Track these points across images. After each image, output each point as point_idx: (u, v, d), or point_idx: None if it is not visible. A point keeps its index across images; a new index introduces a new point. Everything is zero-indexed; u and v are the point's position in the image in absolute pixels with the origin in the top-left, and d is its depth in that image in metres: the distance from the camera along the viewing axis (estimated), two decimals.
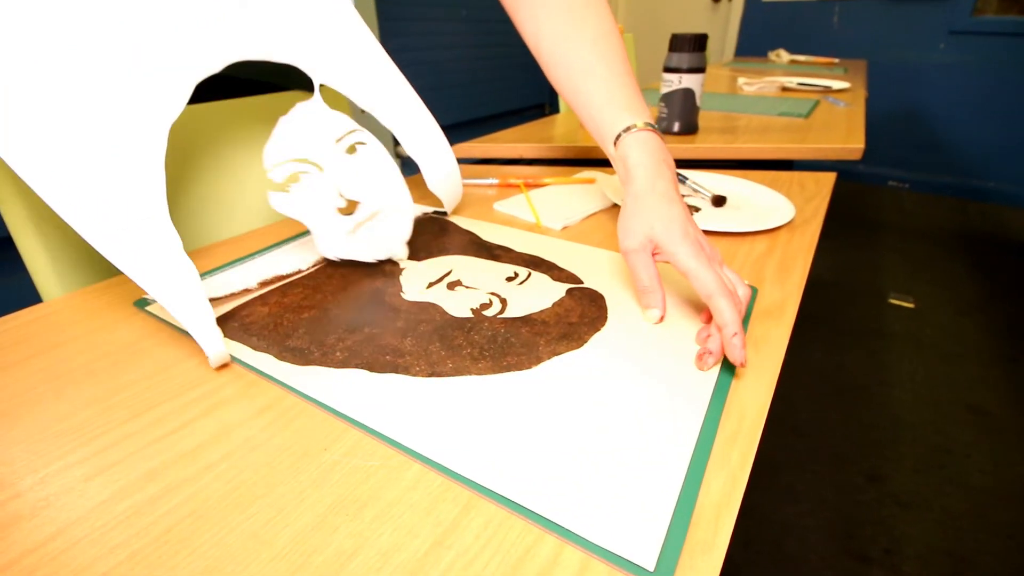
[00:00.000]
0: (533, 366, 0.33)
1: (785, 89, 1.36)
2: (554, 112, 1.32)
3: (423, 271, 0.45)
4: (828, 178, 0.69)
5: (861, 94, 1.30)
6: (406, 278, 0.44)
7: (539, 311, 0.39)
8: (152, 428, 0.29)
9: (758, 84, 1.35)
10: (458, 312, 0.38)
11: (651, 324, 0.37)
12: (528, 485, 0.24)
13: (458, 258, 0.47)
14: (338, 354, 0.34)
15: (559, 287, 0.42)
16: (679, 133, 0.91)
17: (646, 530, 0.22)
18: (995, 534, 0.97)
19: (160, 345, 0.36)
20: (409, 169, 0.58)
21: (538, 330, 0.36)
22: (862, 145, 0.82)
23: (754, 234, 0.52)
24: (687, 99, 0.89)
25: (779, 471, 1.12)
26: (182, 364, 0.34)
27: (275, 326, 0.37)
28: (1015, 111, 2.52)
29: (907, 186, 2.88)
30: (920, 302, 1.74)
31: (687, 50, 0.85)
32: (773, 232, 0.53)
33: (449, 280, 0.43)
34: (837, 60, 2.05)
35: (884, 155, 2.88)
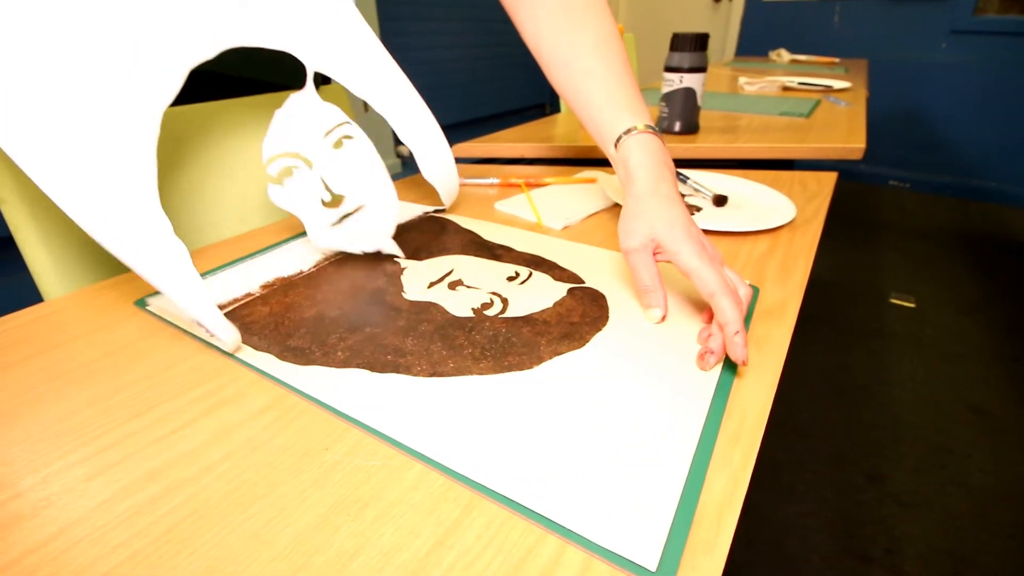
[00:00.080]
0: (534, 366, 0.33)
1: (786, 89, 1.36)
2: (555, 112, 1.32)
3: (424, 271, 0.45)
4: (829, 178, 0.69)
5: (862, 94, 1.29)
6: (407, 278, 0.44)
7: (540, 311, 0.39)
8: (153, 428, 0.29)
9: (759, 84, 1.35)
10: (459, 312, 0.38)
11: (652, 324, 0.37)
12: (530, 485, 0.24)
13: (459, 258, 0.47)
14: (339, 354, 0.34)
15: (560, 287, 0.42)
16: (680, 133, 0.91)
17: (648, 530, 0.22)
18: (996, 534, 0.97)
19: (161, 344, 0.36)
20: (410, 169, 0.57)
21: (539, 330, 0.36)
22: (863, 145, 0.82)
23: (755, 234, 0.52)
24: (688, 98, 0.89)
25: (780, 471, 1.12)
26: (183, 363, 0.34)
27: (276, 326, 0.37)
28: (1016, 111, 2.52)
29: (908, 186, 2.88)
30: (921, 302, 1.74)
31: (688, 49, 0.85)
32: (774, 232, 0.53)
33: (450, 280, 0.43)
34: (838, 60, 2.04)
35: (885, 155, 2.88)
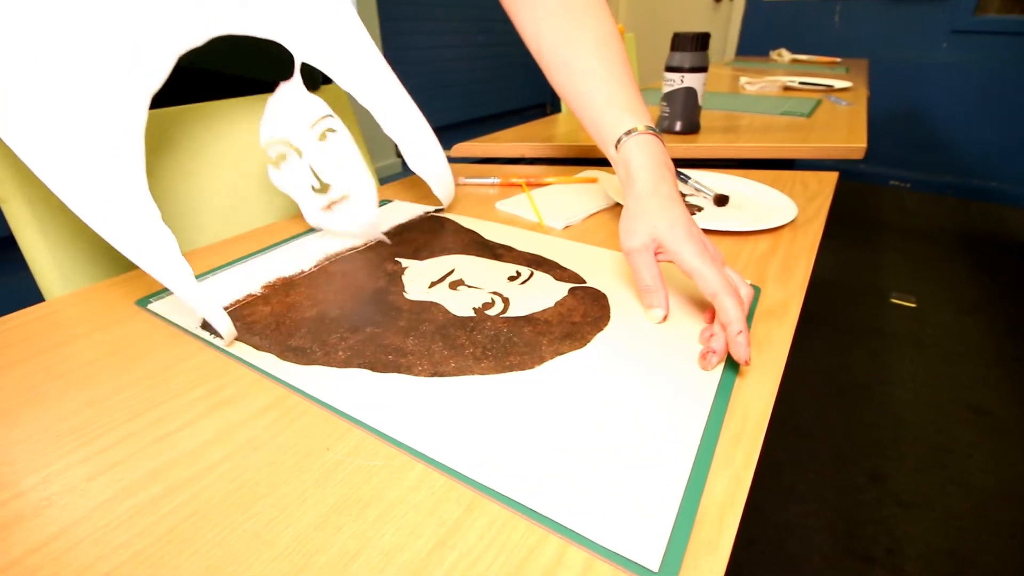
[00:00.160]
0: (536, 366, 0.33)
1: (787, 88, 1.36)
2: (555, 112, 1.32)
3: (425, 270, 0.45)
4: (831, 177, 0.69)
5: (863, 93, 1.29)
6: (408, 277, 0.44)
7: (542, 310, 0.39)
8: (154, 427, 0.29)
9: (760, 83, 1.35)
10: (460, 312, 0.38)
11: (654, 324, 0.37)
12: (531, 485, 0.24)
13: (460, 257, 0.47)
14: (340, 354, 0.34)
15: (561, 286, 0.42)
16: (681, 132, 0.91)
17: (650, 530, 0.22)
18: (997, 534, 0.97)
19: (162, 344, 0.36)
20: (410, 169, 0.58)
21: (541, 330, 0.36)
22: (864, 144, 0.82)
23: (757, 233, 0.52)
24: (689, 98, 0.88)
25: (781, 471, 1.11)
26: (184, 363, 0.34)
27: (277, 325, 0.37)
28: (1017, 111, 2.52)
29: (908, 186, 2.88)
30: (921, 302, 1.73)
31: (689, 49, 0.85)
32: (776, 231, 0.53)
33: (451, 279, 0.43)
34: (839, 59, 2.04)
35: (885, 154, 2.88)
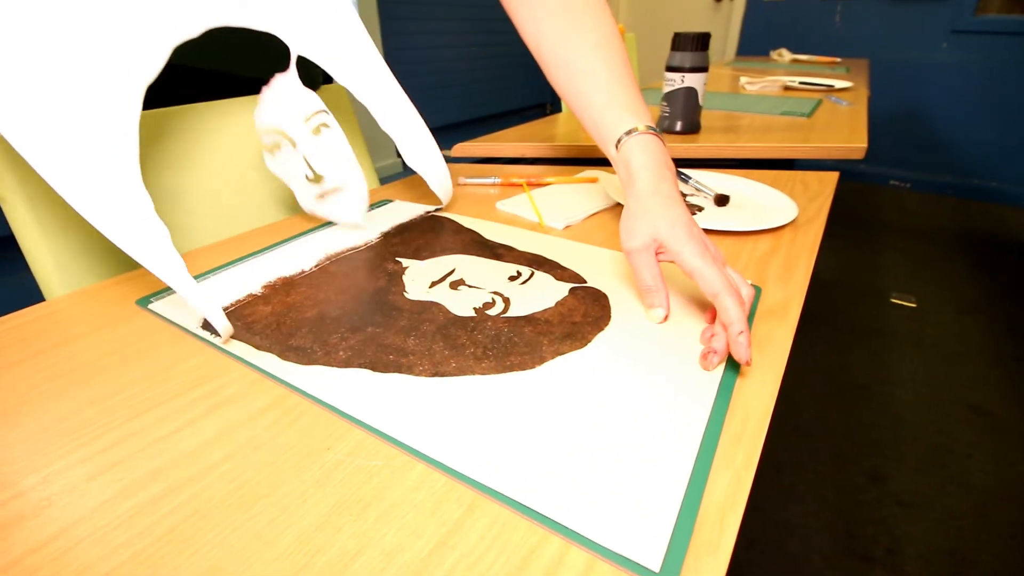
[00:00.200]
0: (537, 366, 0.33)
1: (787, 88, 1.36)
2: (556, 111, 1.32)
3: (426, 270, 0.45)
4: (831, 177, 0.68)
5: (863, 93, 1.29)
6: (409, 277, 0.44)
7: (542, 310, 0.38)
8: (155, 427, 0.29)
9: (760, 83, 1.35)
10: (461, 311, 0.38)
11: (655, 324, 0.37)
12: (532, 485, 0.24)
13: (461, 257, 0.47)
14: (341, 353, 0.34)
15: (562, 286, 0.42)
16: (681, 132, 0.91)
17: (651, 531, 0.22)
18: (997, 534, 0.97)
19: (162, 344, 0.36)
20: (411, 169, 0.58)
21: (541, 329, 0.36)
22: (865, 144, 0.81)
23: (757, 233, 0.52)
24: (689, 98, 0.88)
25: (781, 471, 1.11)
26: (185, 363, 0.34)
27: (278, 325, 0.37)
28: (1017, 111, 2.52)
29: (908, 186, 2.88)
30: (922, 301, 1.74)
31: (690, 49, 0.85)
32: (776, 231, 0.53)
33: (452, 279, 0.43)
34: (839, 59, 2.04)
35: (886, 154, 2.88)
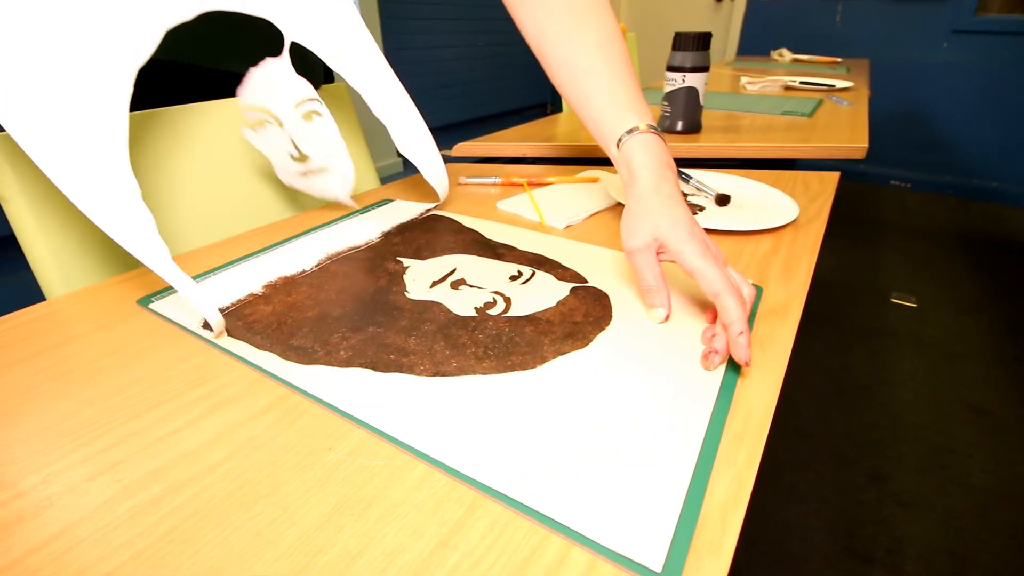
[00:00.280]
0: (538, 365, 0.33)
1: (788, 88, 1.36)
2: (556, 111, 1.32)
3: (427, 270, 0.45)
4: (832, 177, 0.68)
5: (864, 93, 1.29)
6: (410, 277, 0.43)
7: (543, 310, 0.38)
8: (155, 427, 0.29)
9: (761, 83, 1.35)
10: (462, 311, 0.38)
11: (656, 323, 0.37)
12: (534, 485, 0.24)
13: (462, 257, 0.47)
14: (342, 353, 0.34)
15: (563, 286, 0.42)
16: (682, 132, 0.91)
17: (653, 531, 0.22)
18: (997, 534, 0.97)
19: (163, 344, 0.36)
20: (411, 169, 0.57)
21: (542, 329, 0.36)
22: (866, 144, 0.81)
23: (758, 233, 0.52)
24: (690, 98, 0.88)
25: (782, 471, 1.11)
26: (185, 363, 0.34)
27: (279, 325, 0.37)
28: (1018, 111, 2.52)
29: (909, 185, 2.88)
30: (922, 301, 1.73)
31: (691, 48, 0.85)
32: (777, 231, 0.53)
33: (453, 279, 0.43)
34: (840, 59, 2.04)
35: (886, 154, 2.88)
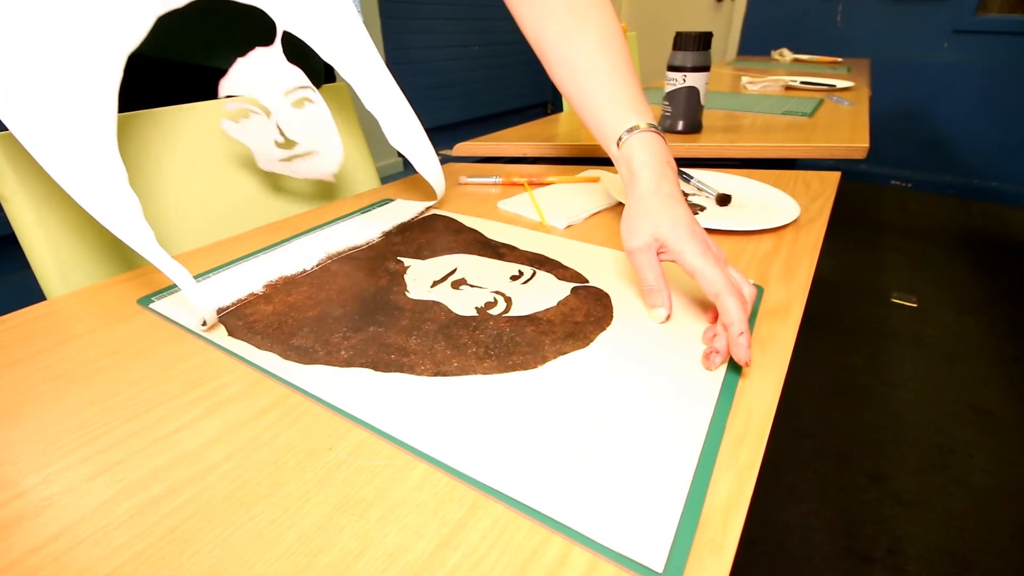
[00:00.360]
0: (539, 365, 0.32)
1: (789, 88, 1.35)
2: (557, 111, 1.31)
3: (427, 270, 0.45)
4: (833, 177, 0.68)
5: (865, 93, 1.29)
6: (410, 277, 0.43)
7: (544, 310, 0.38)
8: (155, 427, 0.29)
9: (762, 83, 1.35)
10: (463, 311, 0.38)
11: (657, 323, 0.37)
12: (535, 485, 0.24)
13: (462, 257, 0.47)
14: (343, 353, 0.34)
15: (564, 286, 0.42)
16: (683, 132, 0.91)
17: (654, 531, 0.22)
18: (997, 534, 0.97)
19: (163, 343, 0.36)
20: (411, 168, 0.57)
21: (543, 329, 0.36)
22: (866, 144, 0.81)
23: (759, 233, 0.52)
24: (691, 97, 0.88)
25: (783, 471, 1.11)
26: (185, 362, 0.34)
27: (279, 325, 0.37)
28: (1018, 110, 2.52)
29: (909, 185, 2.88)
30: (922, 301, 1.73)
31: (692, 48, 0.85)
32: (778, 231, 0.53)
33: (454, 279, 0.43)
34: (840, 59, 2.04)
35: (887, 154, 2.87)
